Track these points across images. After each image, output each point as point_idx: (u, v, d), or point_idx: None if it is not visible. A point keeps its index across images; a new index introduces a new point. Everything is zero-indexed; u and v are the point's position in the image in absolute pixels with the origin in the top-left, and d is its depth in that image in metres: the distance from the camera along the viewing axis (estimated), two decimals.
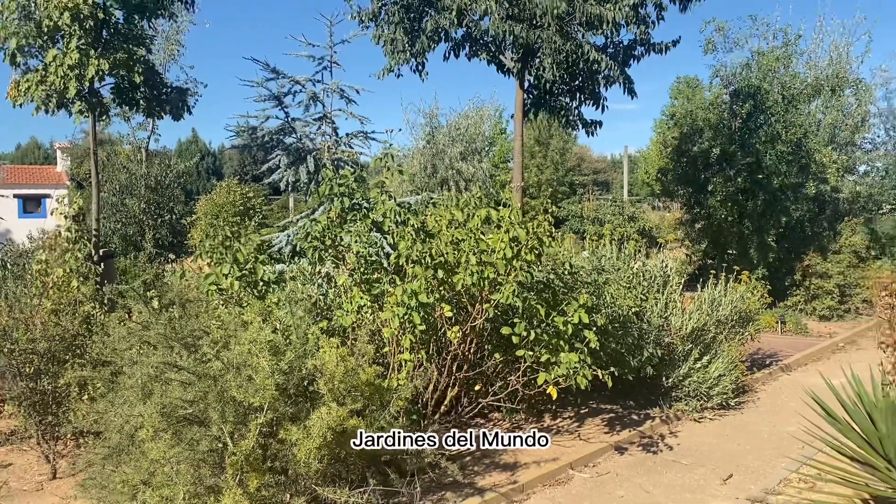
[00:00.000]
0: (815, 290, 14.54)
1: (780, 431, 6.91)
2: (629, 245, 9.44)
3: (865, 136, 17.93)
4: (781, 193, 14.27)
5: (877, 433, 3.27)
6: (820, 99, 16.10)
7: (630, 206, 23.67)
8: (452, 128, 22.90)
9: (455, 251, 5.87)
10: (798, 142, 13.80)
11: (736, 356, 8.22)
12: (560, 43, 9.51)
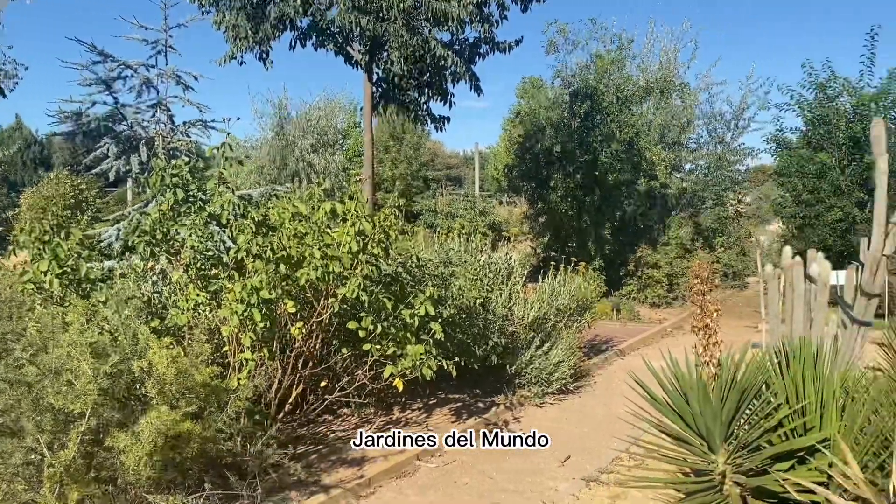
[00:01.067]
0: (647, 279, 15.61)
1: (614, 413, 7.33)
2: (476, 238, 9.66)
3: (691, 136, 19.42)
4: (616, 189, 15.17)
5: (690, 411, 3.53)
6: (651, 101, 17.26)
7: (481, 202, 24.31)
8: (303, 119, 22.45)
9: (299, 245, 5.73)
10: (631, 141, 14.72)
11: (574, 343, 8.64)
12: (407, 37, 9.55)
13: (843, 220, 14.86)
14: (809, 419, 3.55)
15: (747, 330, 11.94)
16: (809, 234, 15.50)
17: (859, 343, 6.20)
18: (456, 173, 50.67)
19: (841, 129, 15.19)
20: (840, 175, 15.42)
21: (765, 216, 21.40)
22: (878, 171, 6.06)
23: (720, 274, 18.22)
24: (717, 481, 3.49)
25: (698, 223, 18.14)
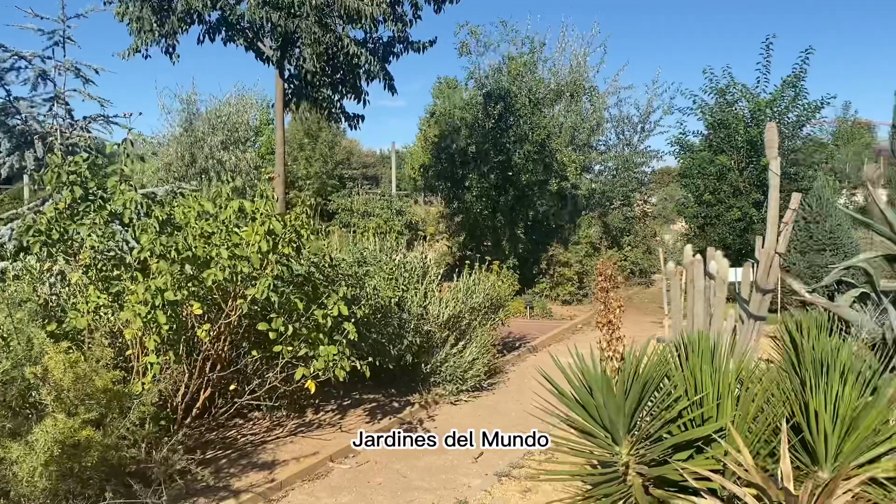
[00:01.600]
0: (559, 277, 15.99)
1: (526, 409, 7.48)
2: (391, 238, 9.65)
3: (600, 138, 20.01)
4: (529, 189, 15.46)
5: (595, 404, 3.64)
6: (562, 103, 17.67)
7: (398, 201, 24.27)
8: (213, 115, 21.78)
9: (205, 245, 5.57)
10: (543, 142, 15.03)
11: (488, 340, 8.76)
12: (320, 34, 9.44)
13: (741, 219, 15.65)
14: (706, 410, 3.72)
15: (653, 325, 12.39)
16: (710, 233, 16.24)
17: (755, 336, 6.54)
18: (373, 172, 50.39)
19: (739, 132, 15.98)
20: (738, 176, 16.23)
21: (669, 216, 22.24)
22: (770, 172, 6.41)
23: (627, 272, 18.86)
24: (620, 472, 3.61)
25: (607, 223, 18.70)
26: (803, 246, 13.25)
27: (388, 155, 48.99)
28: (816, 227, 13.23)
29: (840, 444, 3.63)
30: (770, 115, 15.99)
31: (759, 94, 16.42)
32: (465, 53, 15.74)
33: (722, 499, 3.40)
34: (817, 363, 4.03)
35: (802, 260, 13.11)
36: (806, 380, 3.85)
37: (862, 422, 3.66)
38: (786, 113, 16.24)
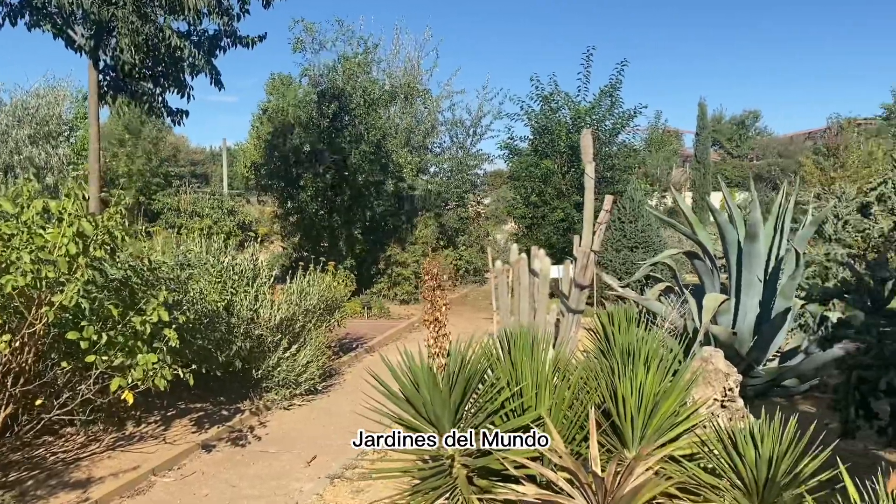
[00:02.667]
0: (396, 277, 16.14)
1: (361, 409, 7.48)
2: (219, 239, 9.28)
3: (435, 140, 20.42)
4: (366, 190, 15.47)
5: (422, 400, 3.71)
6: (397, 105, 17.85)
7: (230, 200, 23.35)
8: (19, 107, 19.84)
9: (4, 248, 5.06)
10: (379, 143, 15.09)
11: (323, 342, 8.66)
12: (138, 24, 8.86)
13: (564, 219, 16.62)
14: (526, 399, 3.91)
15: (486, 321, 12.84)
16: (537, 233, 17.10)
17: (574, 329, 6.96)
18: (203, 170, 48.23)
19: (562, 138, 16.95)
20: (562, 180, 17.22)
21: (501, 216, 23.16)
22: (586, 176, 6.85)
23: (462, 271, 19.40)
24: (447, 465, 3.71)
25: (443, 223, 19.12)
26: (618, 244, 14.29)
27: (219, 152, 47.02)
28: (630, 226, 14.31)
29: (644, 426, 3.95)
30: (589, 122, 17.10)
31: (580, 102, 17.51)
32: (300, 50, 15.47)
33: (541, 484, 3.58)
34: (625, 352, 4.36)
35: (618, 257, 14.13)
36: (615, 368, 4.15)
37: (663, 405, 4.00)
38: (603, 120, 17.43)
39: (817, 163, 21.32)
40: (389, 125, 16.79)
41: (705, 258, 7.66)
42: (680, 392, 4.03)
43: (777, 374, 7.16)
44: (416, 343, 4.44)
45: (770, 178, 36.61)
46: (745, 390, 7.00)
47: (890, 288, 4.38)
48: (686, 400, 4.23)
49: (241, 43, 10.14)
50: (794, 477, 3.23)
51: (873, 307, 4.35)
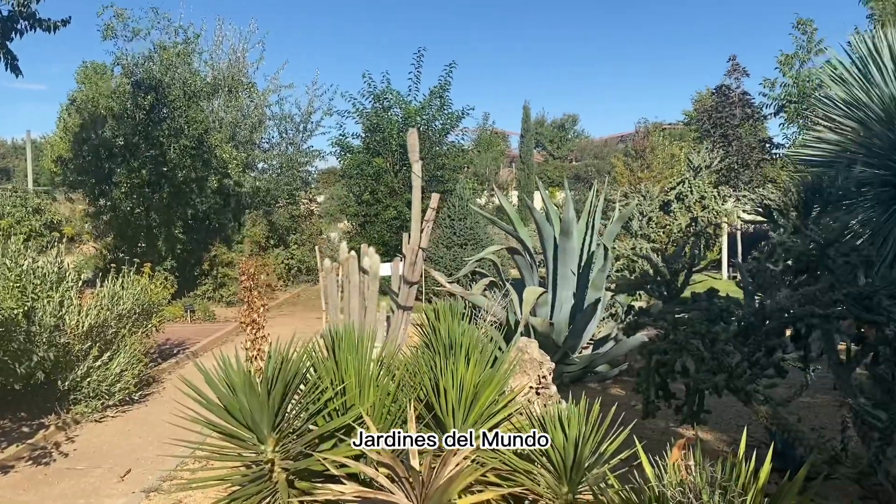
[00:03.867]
0: (222, 278, 15.49)
1: (182, 418, 7.10)
2: (17, 240, 8.42)
3: (263, 136, 19.81)
4: (187, 186, 14.70)
5: (239, 406, 3.58)
6: (220, 98, 17.11)
7: (35, 197, 21.26)
8: None
9: None
10: (200, 137, 14.38)
11: (140, 349, 8.13)
12: None
13: (397, 217, 16.76)
14: (349, 398, 3.90)
15: (318, 321, 12.65)
16: (371, 231, 17.12)
17: (404, 325, 7.04)
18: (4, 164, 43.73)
19: (393, 136, 17.07)
20: (394, 178, 17.35)
21: (336, 214, 22.94)
22: (413, 175, 6.94)
23: (295, 270, 19.00)
24: (266, 469, 3.60)
25: (273, 221, 18.62)
26: (449, 241, 14.65)
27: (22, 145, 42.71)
28: (459, 224, 14.72)
29: (465, 416, 4.07)
30: (419, 122, 17.36)
31: (411, 101, 17.73)
32: (110, 37, 14.33)
33: (364, 482, 3.58)
34: (447, 346, 4.47)
35: (448, 253, 14.48)
36: (437, 361, 4.23)
37: (483, 395, 4.14)
38: (433, 121, 17.77)
39: (627, 164, 23.08)
40: (213, 119, 16.06)
41: (525, 254, 8.04)
42: (498, 382, 4.19)
43: (590, 360, 7.68)
44: (243, 347, 4.28)
45: (587, 178, 39.08)
46: (563, 377, 7.44)
47: (682, 278, 4.81)
48: (504, 389, 4.41)
49: (42, 26, 9.24)
50: (599, 456, 3.47)
51: (669, 296, 4.76)
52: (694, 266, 4.79)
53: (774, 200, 4.95)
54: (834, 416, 6.23)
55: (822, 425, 5.84)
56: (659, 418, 5.89)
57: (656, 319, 4.62)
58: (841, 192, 4.87)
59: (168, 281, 10.55)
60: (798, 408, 6.40)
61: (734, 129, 22.11)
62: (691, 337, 4.37)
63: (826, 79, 6.54)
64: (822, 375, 6.49)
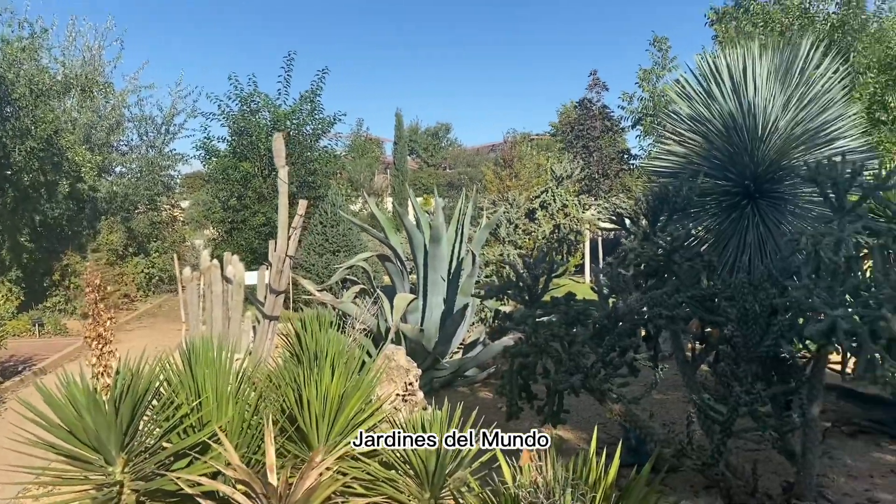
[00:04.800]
0: (76, 289, 14.47)
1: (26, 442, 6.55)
2: None
3: (121, 138, 18.74)
4: (34, 191, 13.64)
5: (83, 426, 3.35)
6: (74, 97, 16.04)
7: None
8: None
9: None
10: (49, 138, 13.41)
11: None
12: None
13: (265, 224, 16.32)
14: (206, 413, 3.74)
15: (180, 333, 12.09)
16: (238, 238, 16.58)
17: (270, 336, 6.86)
18: None
19: (262, 140, 16.62)
20: (263, 183, 16.90)
21: (201, 221, 22.03)
22: (279, 180, 6.79)
23: (157, 279, 18.07)
24: (115, 492, 3.39)
25: (132, 228, 17.63)
26: (321, 248, 14.44)
27: None
28: (331, 230, 14.53)
29: (330, 427, 4.01)
30: (290, 126, 17.02)
31: (281, 105, 17.34)
32: None
33: (222, 501, 3.44)
34: (312, 355, 4.40)
35: (320, 261, 14.26)
36: (301, 372, 4.15)
37: (348, 405, 4.10)
38: (304, 125, 17.48)
39: (496, 173, 23.68)
40: (65, 119, 15.00)
41: (396, 261, 8.06)
42: (364, 391, 4.16)
43: (460, 365, 7.79)
44: (88, 363, 4.00)
45: (460, 186, 39.78)
46: (433, 382, 7.51)
47: (543, 283, 4.98)
48: (371, 397, 4.38)
49: None
50: (461, 460, 3.51)
51: (530, 301, 4.91)
52: (554, 271, 4.96)
53: (626, 209, 5.22)
54: (684, 411, 6.66)
55: (673, 420, 6.22)
56: (523, 419, 6.06)
57: (518, 323, 4.75)
58: (685, 201, 5.21)
59: (12, 293, 9.73)
60: (651, 404, 6.79)
61: (595, 140, 23.22)
62: (551, 340, 4.53)
63: (673, 95, 7.00)
64: (676, 373, 6.93)
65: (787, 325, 4.09)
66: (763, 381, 4.45)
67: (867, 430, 5.80)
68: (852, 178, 4.37)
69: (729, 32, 18.22)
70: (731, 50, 6.44)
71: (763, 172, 6.19)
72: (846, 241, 4.17)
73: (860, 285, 3.87)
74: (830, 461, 5.10)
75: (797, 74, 6.17)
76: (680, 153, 6.77)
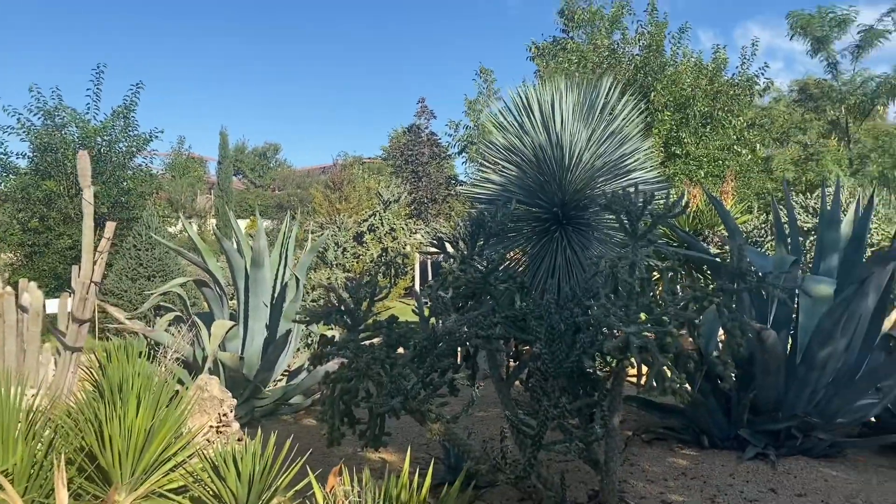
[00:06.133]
0: None
1: None
2: None
3: None
4: None
5: None
6: None
7: None
8: None
9: None
10: None
11: None
12: None
13: (72, 247, 15.07)
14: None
15: None
16: (40, 263, 15.17)
17: (72, 368, 6.33)
18: None
19: (69, 157, 15.38)
20: (69, 203, 15.61)
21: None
22: (84, 201, 6.33)
23: None
24: None
25: None
26: (134, 273, 13.55)
27: None
28: (146, 254, 13.70)
29: (135, 465, 3.76)
30: (101, 143, 15.92)
31: (90, 120, 16.18)
32: None
33: None
34: (117, 388, 4.11)
35: (134, 286, 13.38)
36: (103, 406, 3.87)
37: (156, 439, 3.87)
38: (117, 142, 16.41)
39: (326, 195, 23.54)
40: None
41: (215, 286, 7.76)
42: (174, 424, 3.95)
43: (284, 392, 7.62)
44: None
45: (289, 208, 39.08)
46: (254, 412, 7.28)
47: (366, 307, 5.01)
48: (182, 430, 4.17)
49: None
50: (275, 490, 3.43)
51: (353, 325, 4.91)
52: (376, 295, 5.01)
53: (446, 234, 5.40)
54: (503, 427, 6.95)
55: (493, 436, 6.46)
56: (347, 444, 6.04)
57: (340, 348, 4.74)
58: (500, 227, 5.47)
59: None
60: (473, 422, 7.02)
61: (424, 166, 23.80)
62: (372, 363, 4.56)
63: (490, 126, 7.36)
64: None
65: (588, 342, 4.41)
66: (570, 395, 4.75)
67: (663, 437, 6.34)
68: (644, 206, 4.81)
69: (549, 67, 19.49)
70: (539, 86, 6.90)
71: (570, 200, 6.66)
72: (639, 264, 4.57)
73: (651, 304, 4.25)
74: (631, 468, 5.52)
75: (598, 111, 6.72)
76: (497, 181, 7.12)
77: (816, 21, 26.71)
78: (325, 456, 5.88)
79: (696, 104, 18.88)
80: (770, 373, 5.57)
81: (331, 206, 21.15)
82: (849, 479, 5.24)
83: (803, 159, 25.21)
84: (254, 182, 48.95)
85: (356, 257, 11.67)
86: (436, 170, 23.53)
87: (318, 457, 5.94)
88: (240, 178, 47.76)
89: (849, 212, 6.32)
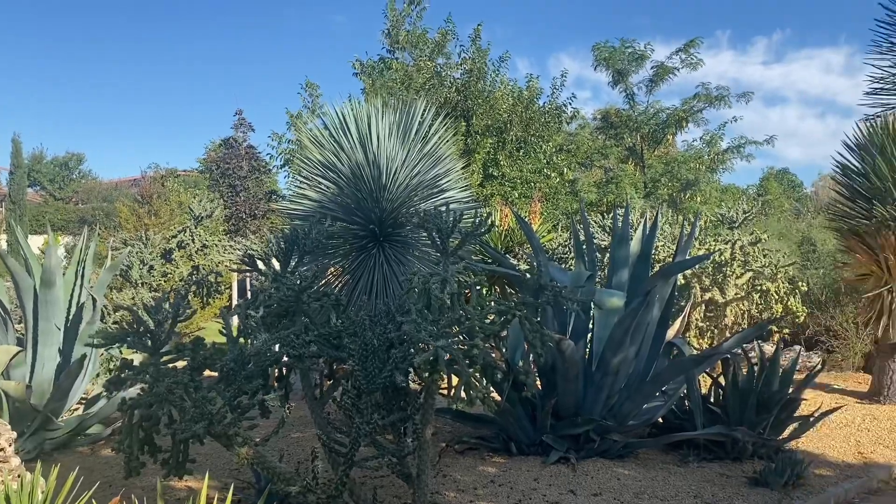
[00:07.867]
0: None
1: None
2: None
3: None
4: None
5: None
6: None
7: None
8: None
9: None
10: None
11: None
12: None
13: None
14: None
15: None
16: None
17: None
18: None
19: None
20: None
21: None
22: None
23: None
24: None
25: None
26: None
27: None
28: None
29: None
30: None
31: None
32: None
33: None
34: None
35: None
36: None
37: None
38: None
39: (133, 210, 22.03)
40: None
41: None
42: None
43: (80, 422, 7.01)
44: None
45: (94, 223, 36.15)
46: (45, 445, 6.63)
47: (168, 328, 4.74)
48: None
49: None
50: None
51: (154, 348, 4.63)
52: (179, 315, 4.76)
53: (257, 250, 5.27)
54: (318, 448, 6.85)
55: (308, 457, 6.35)
56: (151, 475, 5.66)
57: (139, 372, 4.45)
58: (314, 244, 5.43)
59: None
60: (288, 444, 6.86)
61: (242, 180, 23.02)
62: (174, 387, 4.32)
63: (307, 142, 7.30)
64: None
65: (401, 357, 4.47)
66: (385, 411, 4.79)
67: (476, 446, 6.56)
68: (454, 225, 4.99)
69: (375, 85, 19.67)
70: (356, 106, 6.96)
71: (387, 218, 6.75)
72: (450, 280, 4.72)
73: (461, 318, 4.40)
74: (444, 479, 5.65)
75: (415, 132, 6.89)
76: (314, 198, 7.06)
77: (618, 54, 29.19)
78: (126, 488, 5.49)
79: (512, 129, 19.90)
80: (570, 380, 5.95)
81: (138, 221, 19.80)
82: (638, 476, 5.72)
83: (605, 182, 27.37)
84: (53, 195, 44.77)
85: (164, 276, 11.02)
86: (255, 184, 22.84)
87: (116, 490, 5.51)
88: (37, 189, 43.54)
89: (637, 231, 6.94)
